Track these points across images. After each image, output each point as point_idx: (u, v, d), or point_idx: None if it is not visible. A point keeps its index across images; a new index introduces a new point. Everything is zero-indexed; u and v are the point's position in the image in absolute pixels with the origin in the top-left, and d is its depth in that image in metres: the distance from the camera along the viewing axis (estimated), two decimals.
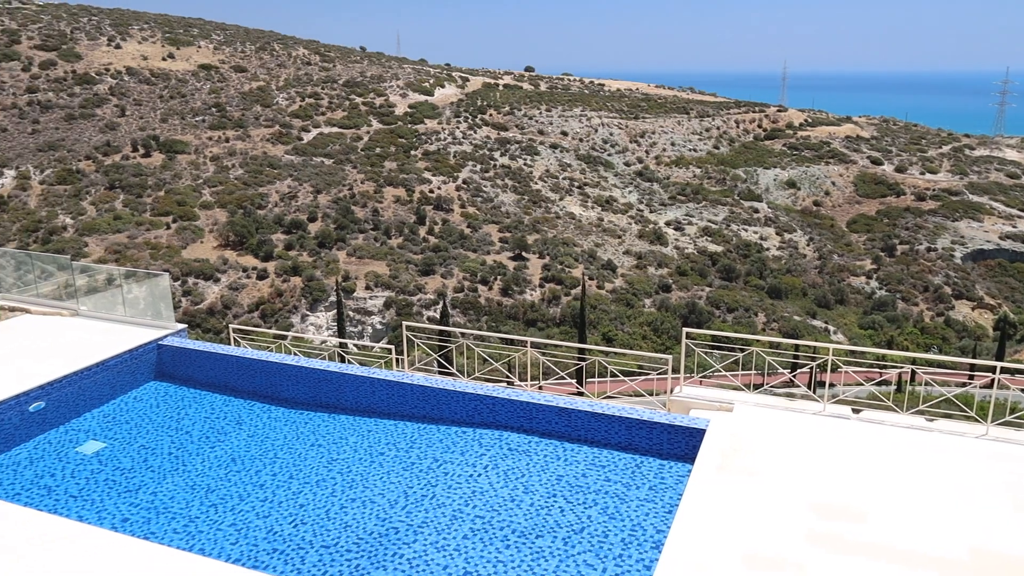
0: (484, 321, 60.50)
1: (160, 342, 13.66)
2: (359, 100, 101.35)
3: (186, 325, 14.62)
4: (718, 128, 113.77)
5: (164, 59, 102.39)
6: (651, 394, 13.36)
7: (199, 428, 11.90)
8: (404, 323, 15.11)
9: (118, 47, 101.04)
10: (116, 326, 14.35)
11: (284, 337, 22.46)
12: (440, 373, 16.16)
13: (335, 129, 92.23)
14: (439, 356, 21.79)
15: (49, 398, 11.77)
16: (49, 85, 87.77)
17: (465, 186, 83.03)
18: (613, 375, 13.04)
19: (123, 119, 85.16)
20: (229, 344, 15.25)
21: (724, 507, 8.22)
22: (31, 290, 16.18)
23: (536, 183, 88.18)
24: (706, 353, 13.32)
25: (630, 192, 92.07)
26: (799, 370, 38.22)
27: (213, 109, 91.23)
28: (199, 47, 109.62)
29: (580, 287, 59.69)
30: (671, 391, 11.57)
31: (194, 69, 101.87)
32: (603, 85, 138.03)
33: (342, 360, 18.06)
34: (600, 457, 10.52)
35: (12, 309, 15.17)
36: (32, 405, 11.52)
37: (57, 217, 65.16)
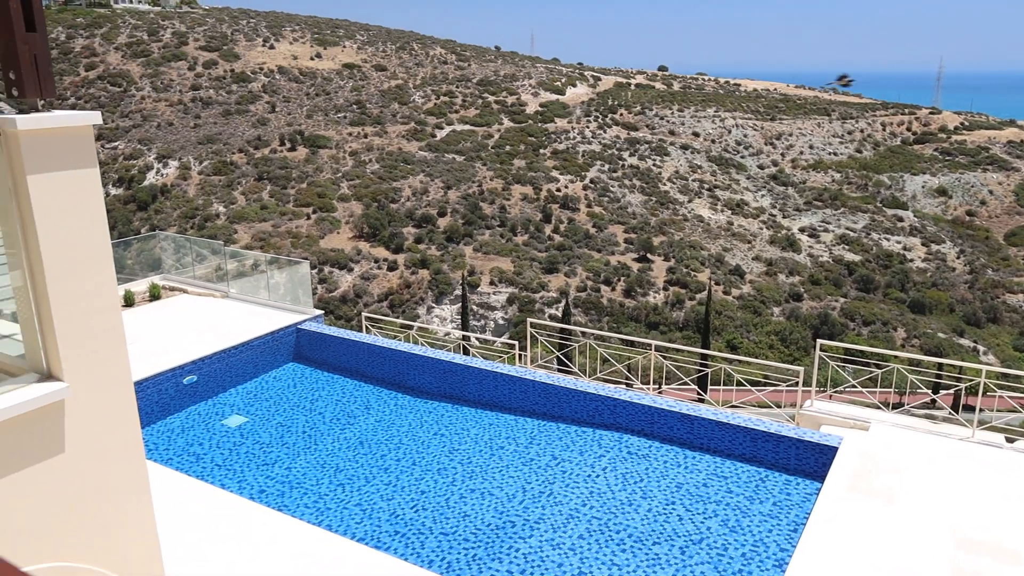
0: (605, 321, 60.16)
1: (299, 326, 14.45)
2: (491, 98, 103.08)
3: (323, 311, 15.40)
4: (862, 131, 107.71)
5: (312, 59, 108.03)
6: (778, 406, 12.86)
7: (331, 410, 12.51)
8: (529, 320, 15.26)
9: (272, 48, 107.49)
10: (261, 309, 15.31)
11: (411, 327, 23.18)
12: (559, 371, 16.20)
13: (467, 127, 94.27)
14: (560, 354, 21.86)
15: (201, 372, 12.72)
16: (210, 83, 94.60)
17: (592, 185, 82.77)
18: (740, 384, 12.65)
19: (273, 115, 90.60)
20: (361, 331, 15.93)
21: (856, 531, 7.81)
22: (188, 272, 17.53)
23: (664, 184, 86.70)
24: (839, 367, 12.65)
25: (763, 196, 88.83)
26: (943, 391, 35.66)
27: (354, 106, 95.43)
28: (344, 47, 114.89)
29: (706, 292, 58.19)
30: (800, 404, 11.10)
31: (338, 68, 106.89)
32: (739, 85, 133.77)
33: (465, 353, 18.48)
34: (722, 467, 10.25)
35: (172, 289, 16.49)
36: (186, 378, 12.49)
37: (212, 205, 70.22)
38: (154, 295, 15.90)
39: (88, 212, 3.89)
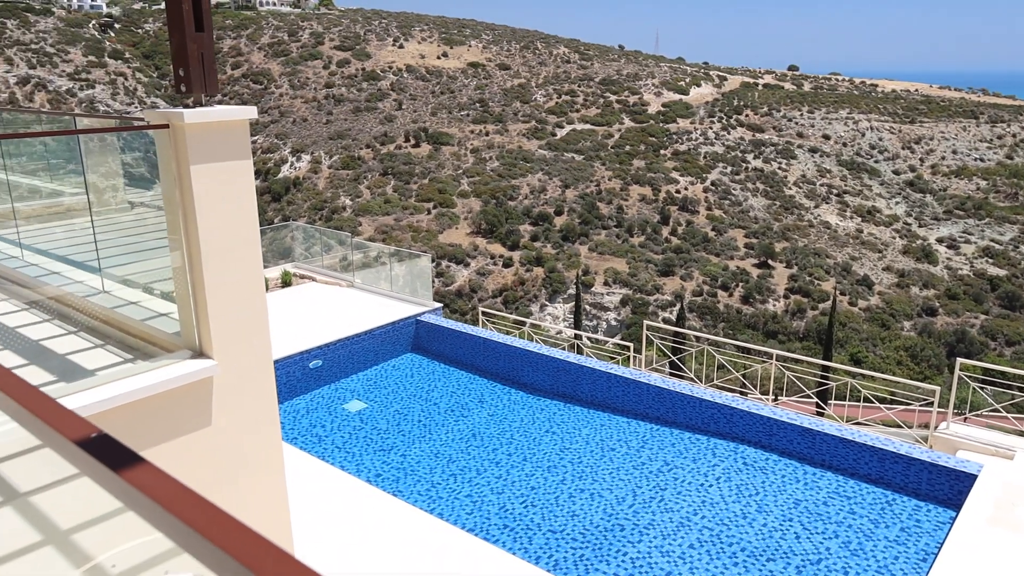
0: (721, 327, 58.54)
1: (419, 318, 14.87)
2: (613, 98, 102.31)
3: (442, 304, 15.78)
4: (1014, 135, 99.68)
5: (439, 58, 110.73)
6: (907, 426, 12.13)
7: (446, 401, 12.80)
8: (645, 322, 15.07)
9: (401, 47, 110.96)
10: (383, 299, 15.85)
11: (523, 323, 23.37)
12: (672, 375, 15.90)
13: (587, 126, 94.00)
14: (674, 358, 21.45)
15: (326, 358, 13.32)
16: (343, 81, 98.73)
17: (713, 188, 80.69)
18: (867, 400, 12.00)
19: (399, 112, 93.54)
20: (477, 325, 16.21)
21: (997, 567, 7.27)
22: (317, 261, 18.38)
23: (790, 188, 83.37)
24: (979, 388, 11.78)
25: (897, 203, 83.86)
26: None
27: (477, 104, 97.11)
28: (470, 46, 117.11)
29: (830, 301, 55.52)
30: (935, 426, 10.43)
31: (463, 67, 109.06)
32: (876, 86, 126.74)
33: (578, 351, 18.45)
34: (845, 486, 9.77)
35: (302, 277, 17.34)
36: (312, 362, 13.11)
37: (339, 198, 73.32)
38: (285, 282, 16.76)
39: (241, 201, 4.17)
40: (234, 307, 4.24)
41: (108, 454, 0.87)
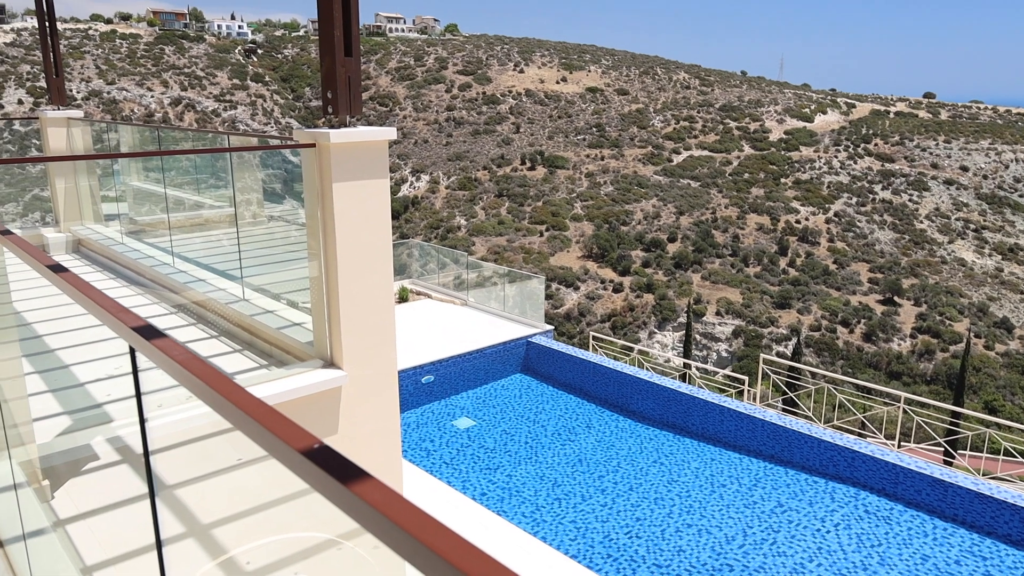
0: (839, 365, 55.77)
1: (529, 339, 14.95)
2: (733, 124, 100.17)
3: (552, 327, 15.82)
4: None
5: (557, 82, 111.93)
6: None
7: (553, 424, 12.78)
8: (761, 356, 14.57)
9: (521, 72, 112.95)
10: (495, 319, 16.05)
11: (631, 349, 23.09)
12: (784, 411, 15.28)
13: (705, 152, 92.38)
14: (790, 395, 20.63)
15: (438, 374, 13.59)
16: (463, 104, 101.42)
17: (836, 219, 77.34)
18: (1007, 453, 11.11)
19: (516, 135, 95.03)
20: (586, 349, 16.13)
21: None
22: (432, 278, 18.84)
23: (921, 222, 78.80)
24: None
25: None
26: None
27: (594, 129, 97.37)
28: (589, 71, 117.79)
29: (963, 344, 51.87)
30: None
31: (582, 92, 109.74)
32: (1022, 114, 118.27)
33: (687, 382, 18.03)
34: (980, 546, 9.05)
35: (418, 293, 17.81)
36: (424, 378, 13.41)
37: (455, 218, 75.08)
38: (403, 297, 17.26)
39: (377, 218, 4.35)
40: (365, 320, 4.40)
41: (332, 466, 0.93)
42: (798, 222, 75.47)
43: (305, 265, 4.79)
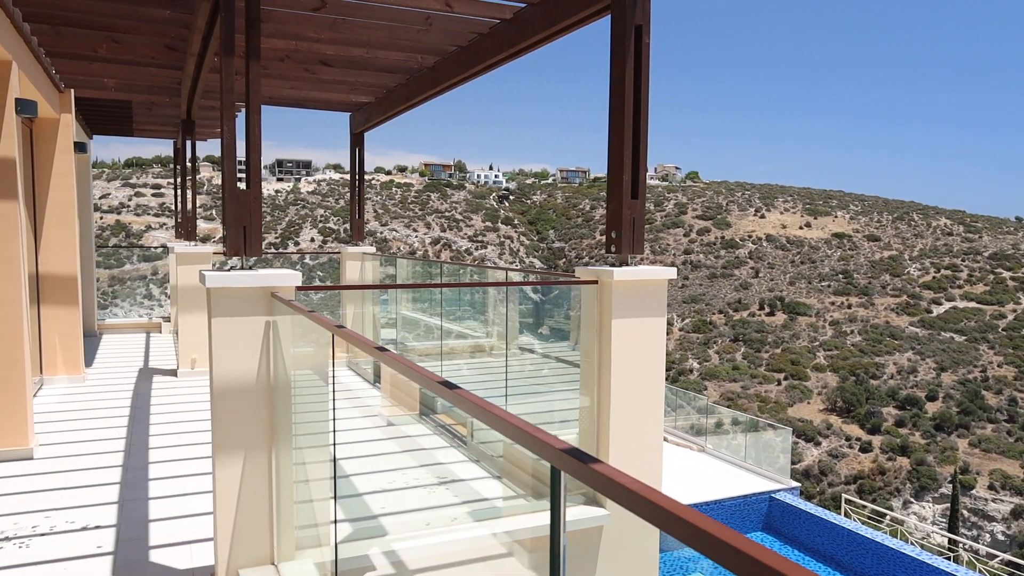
0: None
1: (773, 495, 13.84)
2: (1007, 274, 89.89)
3: (799, 484, 14.56)
4: None
5: (801, 228, 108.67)
6: None
7: None
8: None
9: (762, 217, 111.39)
10: (734, 469, 15.12)
11: (884, 516, 20.52)
12: None
13: (972, 304, 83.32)
14: None
15: None
16: (701, 248, 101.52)
17: None
18: None
19: (755, 280, 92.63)
20: (836, 512, 14.56)
21: None
22: (669, 421, 18.34)
23: None
24: None
25: None
26: None
27: (840, 275, 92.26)
28: (835, 216, 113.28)
29: None
30: None
31: (827, 237, 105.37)
32: None
33: (956, 562, 15.48)
34: None
35: None
36: None
37: (687, 360, 73.57)
38: None
39: (653, 355, 4.36)
40: (633, 458, 4.33)
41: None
42: None
43: (564, 396, 4.87)
